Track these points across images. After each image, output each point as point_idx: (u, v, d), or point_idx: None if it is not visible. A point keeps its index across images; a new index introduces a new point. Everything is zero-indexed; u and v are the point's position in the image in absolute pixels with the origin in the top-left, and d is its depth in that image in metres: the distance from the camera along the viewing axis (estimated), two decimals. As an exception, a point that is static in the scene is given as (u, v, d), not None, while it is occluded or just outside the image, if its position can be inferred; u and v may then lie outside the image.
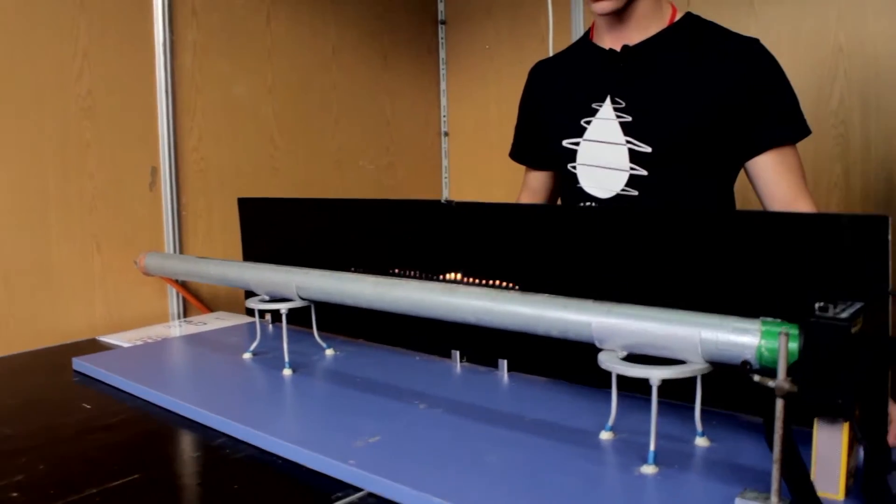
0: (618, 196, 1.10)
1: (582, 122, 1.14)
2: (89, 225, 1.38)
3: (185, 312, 1.53)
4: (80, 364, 1.12)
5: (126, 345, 1.27)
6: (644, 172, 1.07)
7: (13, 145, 1.28)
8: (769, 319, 0.62)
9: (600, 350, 0.72)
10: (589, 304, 0.73)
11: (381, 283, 0.91)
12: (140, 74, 1.44)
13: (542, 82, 1.26)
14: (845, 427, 0.58)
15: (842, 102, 1.54)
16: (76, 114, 1.35)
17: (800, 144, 1.07)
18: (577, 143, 1.14)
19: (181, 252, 1.51)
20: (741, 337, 0.62)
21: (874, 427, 0.62)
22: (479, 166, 2.06)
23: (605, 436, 0.74)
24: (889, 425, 0.71)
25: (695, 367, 0.65)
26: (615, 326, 0.69)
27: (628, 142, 1.09)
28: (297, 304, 1.03)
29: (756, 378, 0.55)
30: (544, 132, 1.22)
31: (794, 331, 0.60)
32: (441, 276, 1.03)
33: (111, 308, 1.42)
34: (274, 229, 1.32)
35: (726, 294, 0.75)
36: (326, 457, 0.72)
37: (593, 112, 1.13)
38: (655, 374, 0.65)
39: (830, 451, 0.59)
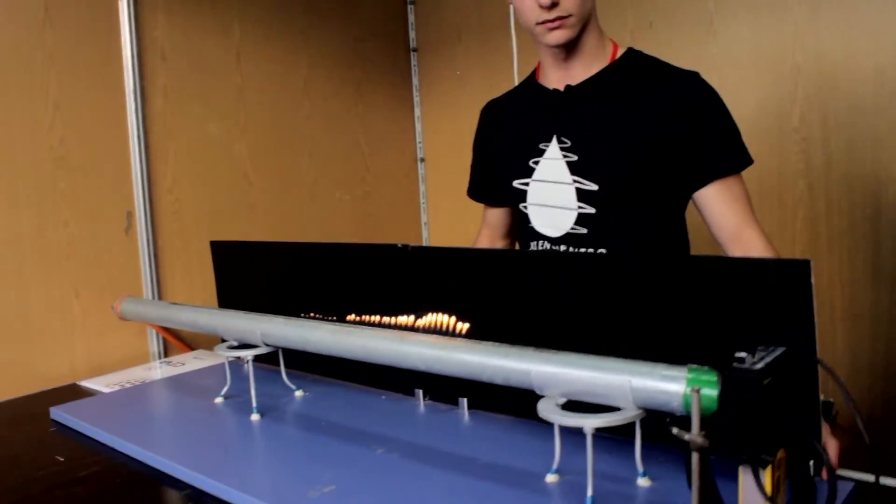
0: (567, 234, 1.13)
1: (530, 163, 1.16)
2: (67, 271, 1.41)
3: (166, 351, 1.55)
4: (57, 413, 1.15)
5: (106, 390, 1.29)
6: (592, 210, 1.10)
7: (-13, 199, 1.31)
8: (695, 367, 0.65)
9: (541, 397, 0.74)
10: (529, 352, 0.75)
11: (337, 331, 0.94)
12: (112, 121, 1.47)
13: (491, 123, 1.28)
14: (767, 471, 0.61)
15: (802, 119, 1.57)
16: (49, 163, 1.38)
17: (763, 161, 1.09)
18: (526, 184, 1.17)
19: (159, 294, 1.54)
20: (669, 385, 0.65)
21: (799, 469, 0.64)
22: (456, 190, 2.07)
23: (550, 479, 0.76)
24: (828, 453, 0.73)
25: (628, 414, 0.67)
26: (553, 375, 0.72)
27: (575, 181, 1.11)
28: (263, 350, 1.05)
29: (674, 431, 0.57)
30: (496, 172, 1.24)
31: (713, 379, 0.62)
32: (400, 318, 1.05)
33: (92, 352, 1.44)
34: (245, 271, 1.34)
35: (663, 337, 0.78)
36: (281, 509, 0.75)
37: (541, 152, 1.15)
38: (588, 424, 0.67)
39: (754, 496, 0.62)
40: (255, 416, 1.04)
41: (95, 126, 1.44)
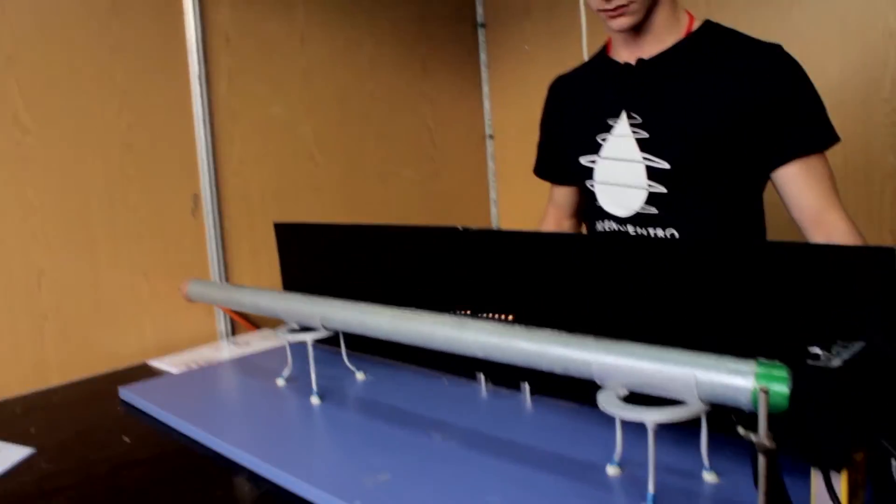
0: (637, 215, 1.08)
1: (598, 139, 1.12)
2: (136, 254, 1.43)
3: (234, 330, 1.57)
4: (125, 394, 1.17)
5: (173, 370, 1.32)
6: (663, 189, 1.05)
7: (61, 184, 1.34)
8: (765, 362, 0.61)
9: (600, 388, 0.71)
10: (590, 341, 0.72)
11: (396, 317, 0.92)
12: (177, 105, 1.48)
13: (559, 98, 1.24)
14: (843, 475, 0.56)
15: (894, 89, 1.47)
16: (118, 149, 1.40)
17: (849, 135, 1.02)
18: (593, 161, 1.12)
19: (226, 275, 1.56)
20: (736, 379, 0.61)
21: (881, 471, 0.59)
22: (526, 166, 2.04)
23: (611, 471, 0.73)
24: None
25: (692, 408, 0.63)
26: (614, 366, 0.68)
27: (645, 158, 1.06)
28: (322, 334, 1.04)
29: (740, 430, 0.53)
30: (563, 149, 1.20)
31: (784, 375, 0.58)
32: (460, 303, 1.03)
33: (160, 332, 1.47)
34: (308, 252, 1.34)
35: (733, 328, 0.73)
36: (334, 496, 0.74)
37: (609, 128, 1.11)
38: (650, 418, 0.64)
39: (828, 502, 0.57)
40: (314, 400, 1.03)
41: (161, 111, 1.46)
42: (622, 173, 1.09)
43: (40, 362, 1.34)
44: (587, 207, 1.22)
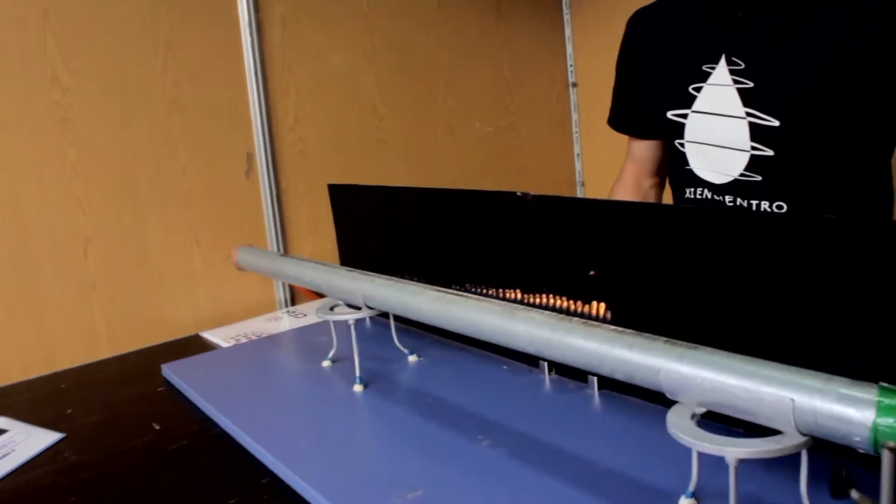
0: (736, 182, 0.91)
1: (690, 90, 0.95)
2: (186, 219, 1.35)
3: (293, 299, 1.48)
4: (167, 372, 1.10)
5: (223, 343, 1.24)
6: (769, 152, 0.88)
7: (104, 146, 1.26)
8: (888, 387, 0.45)
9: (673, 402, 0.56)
10: (660, 344, 0.57)
11: (439, 299, 0.79)
12: (227, 58, 1.38)
13: (641, 37, 1.06)
14: None
15: None
16: (163, 107, 1.31)
17: None
18: (684, 116, 0.96)
19: (284, 239, 1.46)
20: (849, 409, 0.45)
21: None
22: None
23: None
24: None
25: (788, 441, 0.48)
26: (688, 378, 0.54)
27: (749, 114, 0.88)
28: (366, 313, 0.93)
29: (853, 496, 0.38)
30: (645, 99, 1.04)
31: (925, 412, 0.42)
32: (518, 284, 0.89)
33: (216, 301, 1.39)
34: (363, 217, 1.22)
35: (852, 337, 0.57)
36: (355, 521, 0.63)
37: (704, 76, 0.93)
38: (732, 453, 0.49)
39: None
40: (357, 388, 0.92)
41: (210, 64, 1.36)
42: (720, 131, 0.93)
43: (90, 334, 1.28)
44: (674, 170, 1.05)
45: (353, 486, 0.69)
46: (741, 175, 0.91)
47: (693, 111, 0.96)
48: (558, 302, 0.82)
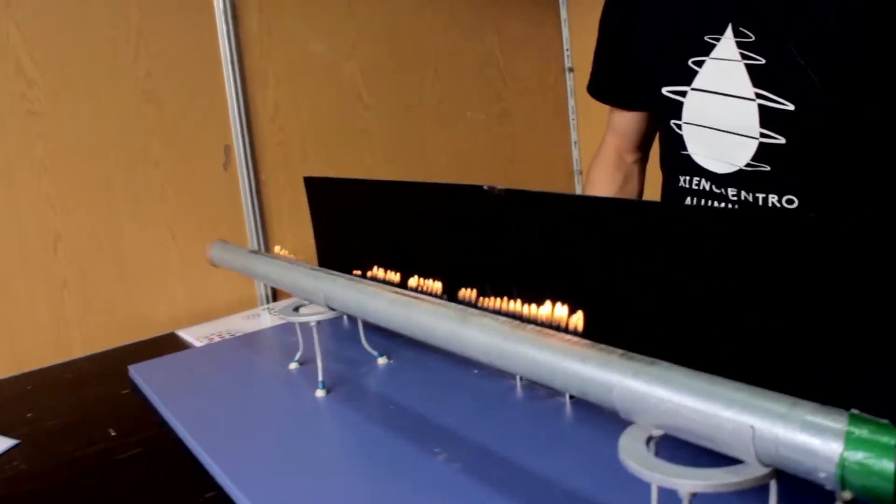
0: (741, 172, 0.82)
1: (690, 63, 0.85)
2: (162, 214, 1.31)
3: (275, 296, 1.44)
4: (133, 374, 1.06)
5: (197, 343, 1.20)
6: (781, 140, 0.78)
7: (74, 139, 1.22)
8: (861, 416, 0.39)
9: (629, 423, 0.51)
10: (615, 358, 0.52)
11: (395, 302, 0.74)
12: (202, 46, 1.33)
13: None
14: None
15: None
16: (135, 98, 1.27)
17: None
18: (682, 94, 0.86)
19: (264, 234, 1.42)
20: (813, 440, 0.40)
21: None
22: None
23: (645, 533, 0.54)
24: None
25: (748, 474, 0.43)
26: (641, 397, 0.48)
27: (759, 95, 0.79)
28: (328, 314, 0.88)
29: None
30: (636, 70, 0.94)
31: (892, 443, 0.37)
32: (493, 282, 0.83)
33: (194, 298, 1.35)
34: (339, 210, 1.18)
35: (840, 355, 0.50)
36: (291, 545, 0.58)
37: (707, 48, 0.83)
38: (684, 486, 0.44)
39: None
40: (319, 393, 0.88)
41: (184, 53, 1.31)
42: (724, 114, 0.83)
43: (61, 333, 1.25)
44: (668, 152, 0.96)
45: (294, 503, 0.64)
46: (748, 165, 0.81)
47: (693, 88, 0.85)
48: (528, 308, 0.76)
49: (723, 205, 0.87)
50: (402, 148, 1.59)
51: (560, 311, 0.65)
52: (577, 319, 0.62)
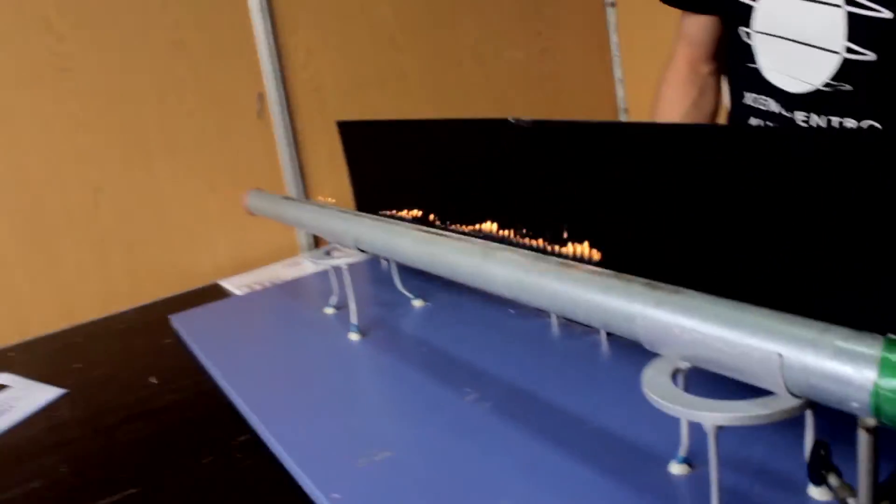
0: (818, 93, 0.73)
1: None
2: (199, 165, 1.31)
3: (317, 242, 1.43)
4: (175, 323, 1.07)
5: (237, 292, 1.20)
6: (871, 56, 0.69)
7: (107, 93, 1.22)
8: (897, 339, 0.36)
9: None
10: (637, 287, 0.49)
11: (420, 241, 0.73)
12: (230, -7, 1.31)
13: None
14: None
15: None
16: (166, 50, 1.26)
17: None
18: None
19: (303, 180, 1.41)
20: (845, 366, 0.37)
21: None
22: (656, 37, 1.72)
23: (676, 469, 0.51)
24: None
25: (777, 406, 0.40)
26: (665, 326, 0.46)
27: (850, 1, 0.69)
28: (357, 257, 0.87)
29: (832, 482, 0.30)
30: None
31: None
32: (517, 222, 0.81)
33: (235, 248, 1.36)
34: (373, 153, 1.16)
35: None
36: (315, 482, 0.58)
37: None
38: (709, 419, 0.41)
39: None
40: (353, 336, 0.87)
41: (212, 1, 1.29)
42: (802, 22, 0.73)
43: (108, 286, 1.26)
44: (735, 64, 0.87)
45: (323, 445, 0.64)
46: (826, 85, 0.72)
47: None
48: (555, 242, 0.73)
49: None
50: (439, 91, 1.55)
51: (585, 243, 0.62)
52: (602, 251, 0.59)
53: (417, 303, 0.95)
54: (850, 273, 0.47)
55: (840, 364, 0.37)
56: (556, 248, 0.66)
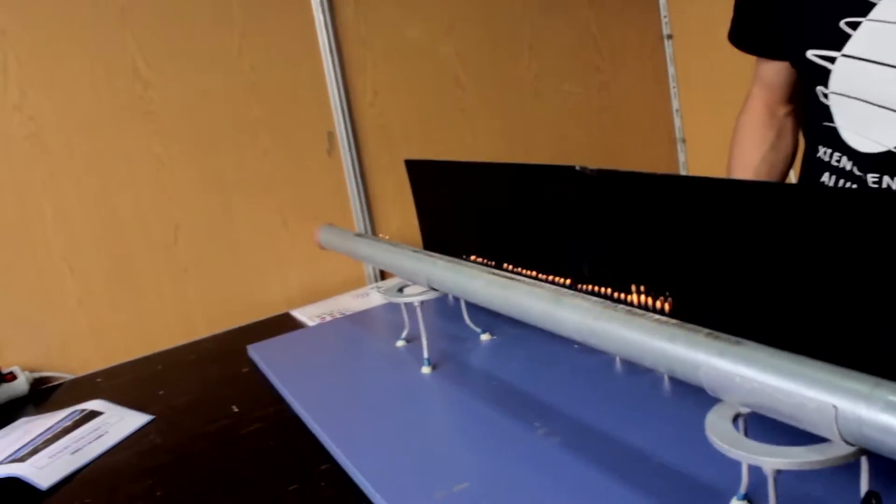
0: (889, 155, 0.74)
1: (843, 25, 0.74)
2: (272, 201, 1.38)
3: (382, 275, 1.49)
4: (252, 353, 1.13)
5: (310, 322, 1.26)
6: None
7: (187, 134, 1.30)
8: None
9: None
10: (701, 337, 0.53)
11: (492, 283, 0.77)
12: (301, 37, 1.38)
13: None
14: None
15: None
16: (242, 91, 1.34)
17: None
18: (831, 59, 0.77)
19: (370, 215, 1.47)
20: (894, 419, 0.40)
21: None
22: (711, 68, 1.75)
23: (740, 506, 0.55)
24: None
25: (833, 452, 0.43)
26: (727, 375, 0.49)
27: None
28: (430, 295, 0.92)
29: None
30: (780, 26, 0.86)
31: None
32: (594, 268, 0.84)
33: (305, 279, 1.42)
34: (440, 192, 1.21)
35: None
36: (396, 515, 0.62)
37: (866, 8, 0.72)
38: (768, 463, 0.45)
39: None
40: (425, 370, 0.92)
41: (284, 45, 1.37)
42: (879, 86, 0.73)
43: (186, 316, 1.34)
44: (811, 121, 0.87)
45: (402, 476, 0.68)
46: None
47: (844, 55, 0.74)
48: (620, 289, 0.77)
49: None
50: (501, 125, 1.60)
51: (650, 292, 0.66)
52: (667, 301, 0.63)
53: (485, 337, 1.00)
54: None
55: (890, 417, 0.40)
56: (623, 295, 0.70)
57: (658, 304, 0.63)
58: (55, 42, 1.20)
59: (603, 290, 0.70)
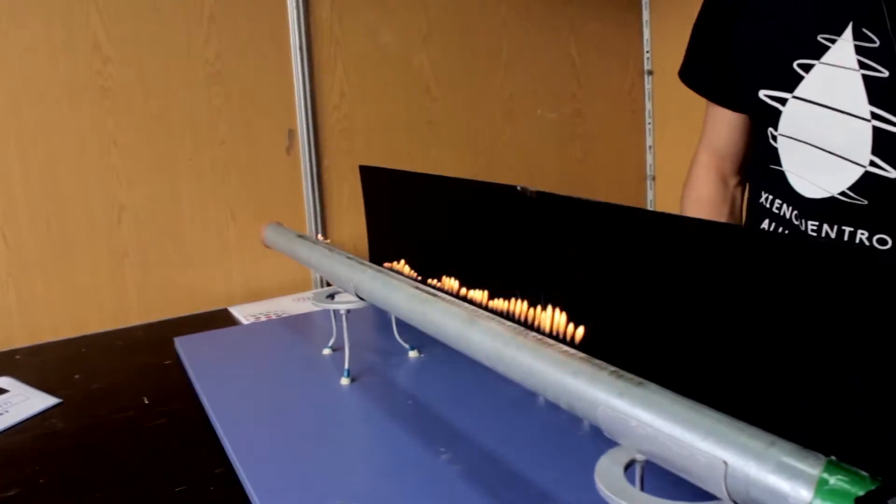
0: (832, 201, 0.72)
1: (796, 66, 0.73)
2: (223, 193, 1.34)
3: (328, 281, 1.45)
4: (178, 345, 1.09)
5: (244, 320, 1.22)
6: (893, 174, 0.68)
7: (143, 115, 1.27)
8: (838, 464, 0.36)
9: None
10: (605, 375, 0.50)
11: (414, 297, 0.74)
12: (272, 32, 1.35)
13: None
14: None
15: None
16: (204, 79, 1.30)
17: None
18: (782, 101, 0.75)
19: (322, 219, 1.44)
20: (784, 483, 0.37)
21: None
22: (690, 109, 1.73)
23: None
24: None
25: (719, 508, 0.41)
26: (622, 418, 0.47)
27: (876, 115, 0.67)
28: (357, 304, 0.89)
29: None
30: (733, 64, 0.83)
31: (857, 492, 0.34)
32: (528, 286, 0.82)
33: (249, 277, 1.38)
34: (390, 201, 1.18)
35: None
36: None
37: (819, 51, 0.71)
38: (649, 519, 0.42)
39: None
40: (344, 381, 0.89)
41: (254, 38, 1.34)
42: (829, 131, 0.71)
43: (120, 301, 1.29)
44: (757, 163, 0.86)
45: (290, 489, 0.65)
46: (842, 194, 0.71)
47: (795, 97, 0.73)
48: (541, 314, 0.74)
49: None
50: (468, 142, 1.58)
51: (569, 321, 0.63)
52: (581, 331, 0.60)
53: (413, 354, 0.97)
54: (830, 392, 0.47)
55: (779, 479, 0.37)
56: (540, 321, 0.67)
57: (571, 331, 0.60)
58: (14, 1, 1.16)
59: (529, 311, 0.68)
